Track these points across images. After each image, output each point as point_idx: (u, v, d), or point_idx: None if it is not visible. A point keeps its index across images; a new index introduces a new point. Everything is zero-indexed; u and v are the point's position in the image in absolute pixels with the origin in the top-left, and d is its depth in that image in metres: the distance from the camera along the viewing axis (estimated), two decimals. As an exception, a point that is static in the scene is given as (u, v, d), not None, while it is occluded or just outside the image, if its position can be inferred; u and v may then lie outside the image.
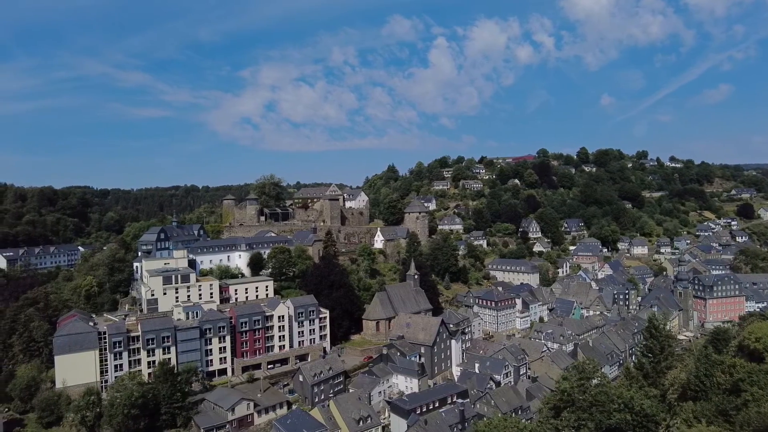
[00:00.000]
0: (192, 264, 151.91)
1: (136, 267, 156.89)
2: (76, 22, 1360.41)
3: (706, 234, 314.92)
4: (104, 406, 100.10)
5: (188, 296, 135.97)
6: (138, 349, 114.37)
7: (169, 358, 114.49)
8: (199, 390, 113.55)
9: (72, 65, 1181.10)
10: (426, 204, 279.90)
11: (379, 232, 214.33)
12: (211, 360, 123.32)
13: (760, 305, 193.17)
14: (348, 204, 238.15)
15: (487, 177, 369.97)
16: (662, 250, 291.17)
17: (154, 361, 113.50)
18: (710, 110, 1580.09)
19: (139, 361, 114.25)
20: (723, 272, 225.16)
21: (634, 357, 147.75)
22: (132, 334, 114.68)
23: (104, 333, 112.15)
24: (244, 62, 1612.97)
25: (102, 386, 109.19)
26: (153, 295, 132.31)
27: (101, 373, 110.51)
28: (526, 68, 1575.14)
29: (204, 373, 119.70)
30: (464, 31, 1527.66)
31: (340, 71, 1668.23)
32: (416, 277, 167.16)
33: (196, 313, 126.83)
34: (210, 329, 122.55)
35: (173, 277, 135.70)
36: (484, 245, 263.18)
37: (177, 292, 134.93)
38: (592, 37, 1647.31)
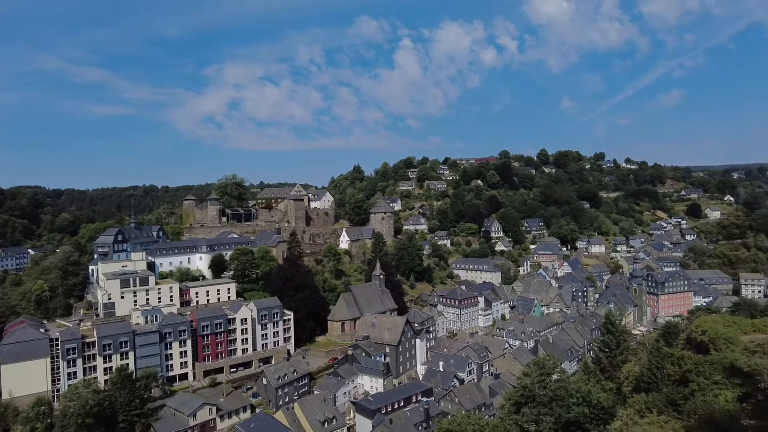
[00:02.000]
0: (151, 266, 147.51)
1: (92, 270, 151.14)
2: (31, 13, 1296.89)
3: (659, 233, 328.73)
4: (56, 417, 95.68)
5: (147, 300, 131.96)
6: (94, 355, 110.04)
7: (128, 364, 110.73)
8: (159, 396, 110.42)
9: (26, 59, 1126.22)
10: (391, 204, 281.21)
11: (344, 233, 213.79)
12: (172, 365, 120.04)
13: (707, 300, 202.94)
14: (313, 204, 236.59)
15: (451, 178, 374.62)
16: (618, 249, 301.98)
17: (111, 368, 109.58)
18: (663, 114, 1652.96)
19: (94, 368, 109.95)
20: (674, 269, 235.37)
21: (592, 352, 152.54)
22: (87, 340, 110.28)
23: (56, 339, 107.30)
24: (208, 60, 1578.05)
25: (54, 396, 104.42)
26: (110, 298, 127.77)
27: (53, 381, 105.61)
28: (490, 71, 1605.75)
29: (164, 379, 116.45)
30: (430, 33, 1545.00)
31: (306, 70, 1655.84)
32: (382, 277, 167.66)
33: (156, 316, 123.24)
34: (170, 333, 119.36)
35: (131, 279, 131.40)
36: (448, 245, 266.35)
37: (135, 296, 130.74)
38: (554, 42, 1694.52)
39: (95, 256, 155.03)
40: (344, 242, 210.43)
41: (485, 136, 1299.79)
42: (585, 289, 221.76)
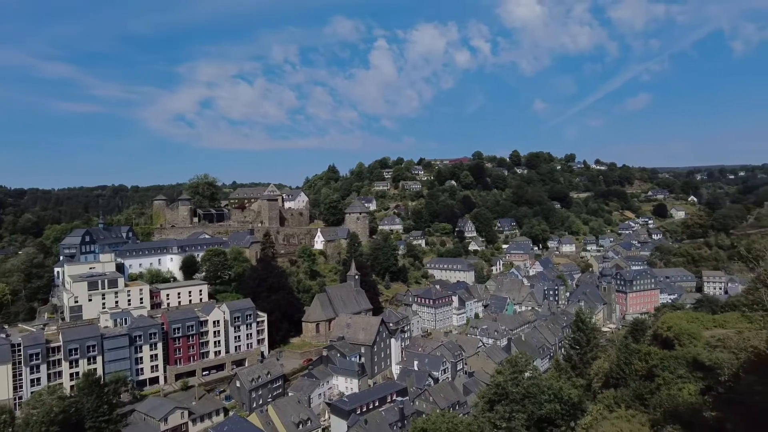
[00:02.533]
0: (120, 268, 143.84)
1: (58, 272, 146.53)
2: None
3: (627, 232, 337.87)
4: (18, 426, 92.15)
5: (116, 302, 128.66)
6: (59, 360, 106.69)
7: (95, 369, 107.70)
8: (129, 401, 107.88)
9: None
10: (366, 204, 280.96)
11: (319, 233, 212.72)
12: (142, 368, 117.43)
13: (672, 297, 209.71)
14: (287, 204, 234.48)
15: (425, 178, 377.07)
16: (588, 248, 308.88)
17: (77, 373, 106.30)
18: (632, 117, 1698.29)
19: (60, 374, 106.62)
20: (641, 268, 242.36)
21: (563, 349, 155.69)
22: (52, 345, 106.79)
23: (18, 345, 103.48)
24: (180, 57, 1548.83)
25: (15, 403, 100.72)
26: (77, 301, 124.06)
27: (15, 389, 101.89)
28: (464, 72, 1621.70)
29: (134, 383, 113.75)
30: (405, 34, 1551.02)
31: (281, 69, 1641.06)
32: (357, 277, 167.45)
33: (125, 319, 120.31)
34: (140, 336, 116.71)
35: (99, 282, 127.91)
36: (423, 245, 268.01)
37: (104, 298, 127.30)
38: (527, 44, 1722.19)
39: (61, 257, 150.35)
40: (319, 243, 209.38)
41: (459, 137, 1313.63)
42: (556, 287, 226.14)
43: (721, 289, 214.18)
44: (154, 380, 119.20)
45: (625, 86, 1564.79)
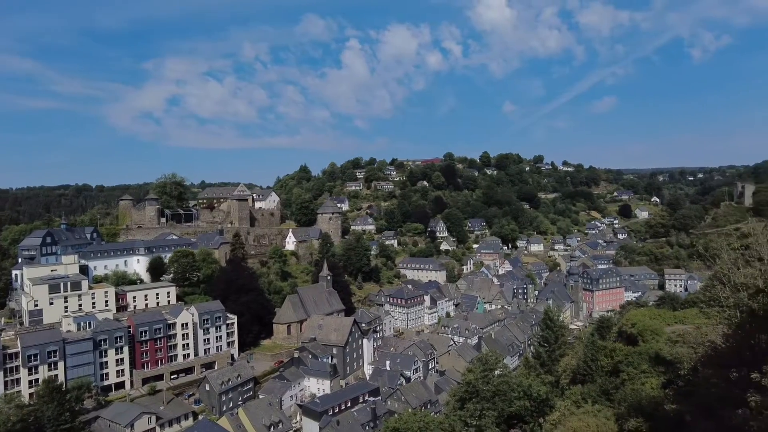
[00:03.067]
0: (84, 270, 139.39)
1: (16, 275, 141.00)
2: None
3: (594, 232, 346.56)
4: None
5: (80, 305, 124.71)
6: (17, 367, 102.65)
7: (57, 375, 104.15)
8: (93, 407, 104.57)
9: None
10: (339, 205, 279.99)
11: (291, 234, 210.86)
12: (107, 373, 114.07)
13: (636, 295, 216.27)
14: (258, 204, 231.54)
15: (398, 178, 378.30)
16: (556, 247, 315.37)
17: (37, 380, 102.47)
18: (598, 119, 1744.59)
19: (18, 381, 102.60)
20: (607, 266, 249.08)
21: (532, 347, 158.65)
22: (9, 351, 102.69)
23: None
24: (148, 53, 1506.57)
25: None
26: (36, 305, 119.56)
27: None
28: (435, 74, 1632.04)
29: (98, 389, 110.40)
30: (377, 34, 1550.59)
31: (251, 67, 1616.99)
32: (329, 278, 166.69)
33: (89, 323, 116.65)
34: (105, 340, 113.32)
35: (61, 284, 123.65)
36: (395, 245, 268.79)
37: (66, 302, 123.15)
38: (497, 47, 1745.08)
39: (20, 260, 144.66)
40: (290, 243, 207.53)
41: (431, 138, 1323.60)
42: (525, 286, 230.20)
43: (681, 286, 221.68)
44: (120, 385, 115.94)
45: (592, 89, 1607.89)
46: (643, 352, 56.01)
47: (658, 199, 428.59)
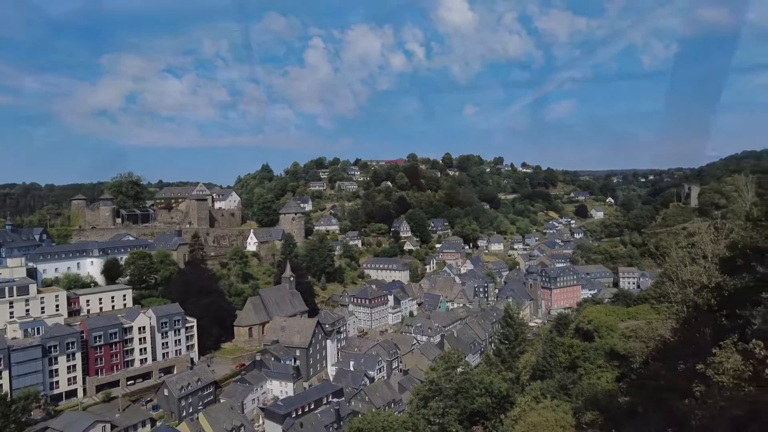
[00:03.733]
0: (32, 273, 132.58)
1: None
2: None
3: (552, 231, 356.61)
4: None
5: (27, 311, 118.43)
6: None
7: (1, 385, 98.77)
8: (42, 418, 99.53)
9: None
10: (302, 205, 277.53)
11: (252, 234, 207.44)
12: (58, 381, 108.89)
13: (592, 292, 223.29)
14: (218, 204, 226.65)
15: (361, 179, 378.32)
16: (515, 247, 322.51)
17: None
18: (556, 122, 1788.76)
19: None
20: (564, 265, 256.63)
21: (493, 344, 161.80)
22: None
23: None
24: (103, 48, 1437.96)
25: None
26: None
27: None
28: (399, 75, 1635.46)
29: (47, 398, 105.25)
30: (340, 34, 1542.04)
31: (212, 64, 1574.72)
32: (292, 279, 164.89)
33: (38, 329, 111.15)
34: (55, 347, 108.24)
35: (6, 289, 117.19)
36: (359, 245, 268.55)
37: (12, 307, 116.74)
38: (459, 50, 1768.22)
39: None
40: (252, 244, 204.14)
41: (394, 139, 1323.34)
42: (486, 285, 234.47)
43: (634, 283, 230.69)
44: (72, 393, 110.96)
45: (551, 93, 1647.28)
46: (599, 347, 58.11)
47: (612, 200, 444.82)
